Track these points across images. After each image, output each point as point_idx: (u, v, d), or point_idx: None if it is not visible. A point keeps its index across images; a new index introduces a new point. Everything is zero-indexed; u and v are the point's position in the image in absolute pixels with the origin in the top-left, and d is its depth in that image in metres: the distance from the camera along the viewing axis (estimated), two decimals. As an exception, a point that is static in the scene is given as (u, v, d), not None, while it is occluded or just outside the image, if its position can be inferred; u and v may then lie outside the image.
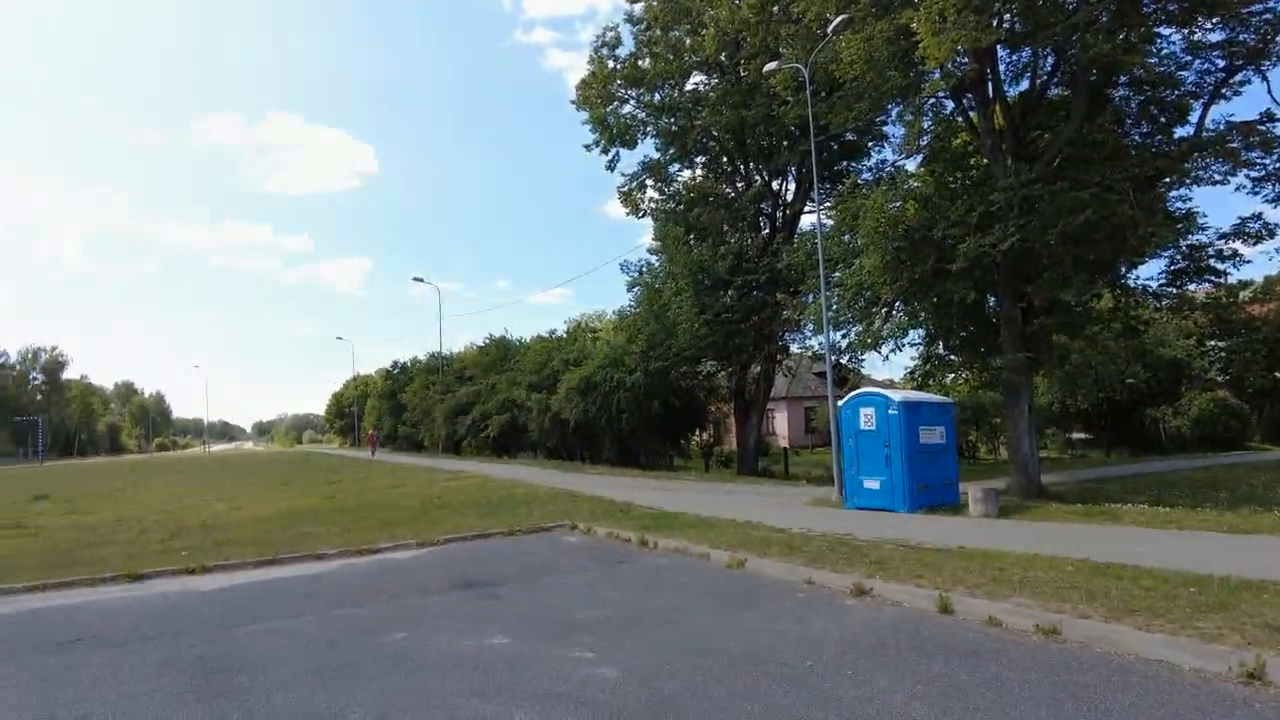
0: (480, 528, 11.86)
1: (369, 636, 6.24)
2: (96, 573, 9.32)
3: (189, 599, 8.03)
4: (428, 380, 53.52)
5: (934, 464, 12.58)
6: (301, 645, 6.06)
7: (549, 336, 40.86)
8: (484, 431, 39.25)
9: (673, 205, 27.78)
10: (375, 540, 10.95)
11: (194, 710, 4.66)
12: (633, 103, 27.71)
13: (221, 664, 5.61)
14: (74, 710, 4.75)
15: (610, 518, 12.35)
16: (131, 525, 13.95)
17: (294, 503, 16.98)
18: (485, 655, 5.56)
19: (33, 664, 5.85)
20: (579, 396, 28.84)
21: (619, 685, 4.80)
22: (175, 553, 10.58)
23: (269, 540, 11.37)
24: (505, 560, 9.56)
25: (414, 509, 14.67)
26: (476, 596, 7.57)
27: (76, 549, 11.38)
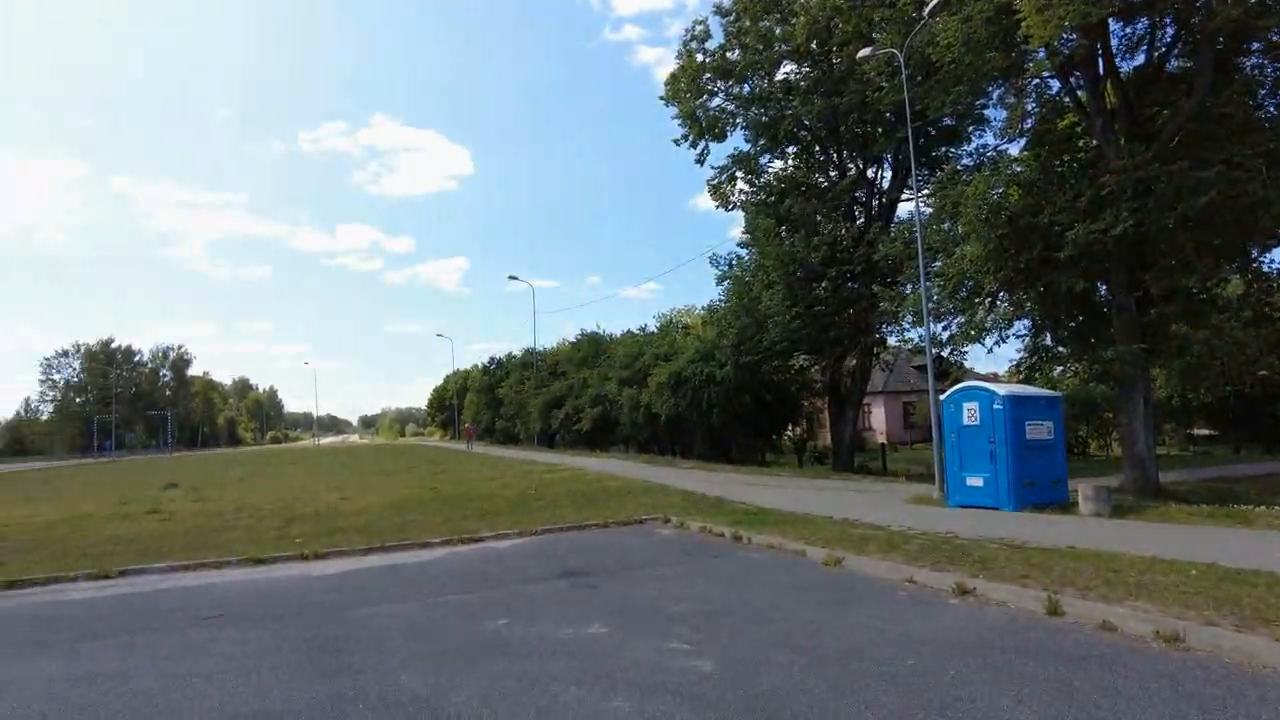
0: (576, 519, 12.10)
1: (472, 622, 6.47)
2: (224, 556, 10.03)
3: (305, 583, 8.53)
4: (523, 375, 54.83)
5: (1041, 460, 12.06)
6: (408, 629, 6.35)
7: (639, 332, 41.19)
8: (577, 425, 39.90)
9: (763, 197, 27.47)
10: (477, 530, 11.34)
11: (314, 686, 4.96)
12: (722, 95, 27.55)
13: (336, 644, 5.94)
14: (214, 681, 5.14)
15: (703, 512, 12.38)
16: (251, 513, 14.88)
17: (399, 493, 17.72)
18: (584, 643, 5.69)
19: (182, 635, 6.41)
20: (669, 391, 28.96)
21: (716, 678, 4.83)
22: (291, 539, 11.24)
23: (376, 529, 11.93)
24: (601, 551, 9.72)
25: (512, 500, 15.08)
26: (574, 586, 7.74)
27: (206, 533, 12.25)
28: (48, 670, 5.62)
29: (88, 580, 9.08)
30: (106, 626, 6.90)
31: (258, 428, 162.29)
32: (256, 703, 4.69)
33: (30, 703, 4.92)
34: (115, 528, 13.41)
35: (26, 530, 13.53)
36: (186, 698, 4.83)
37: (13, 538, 12.60)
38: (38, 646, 6.31)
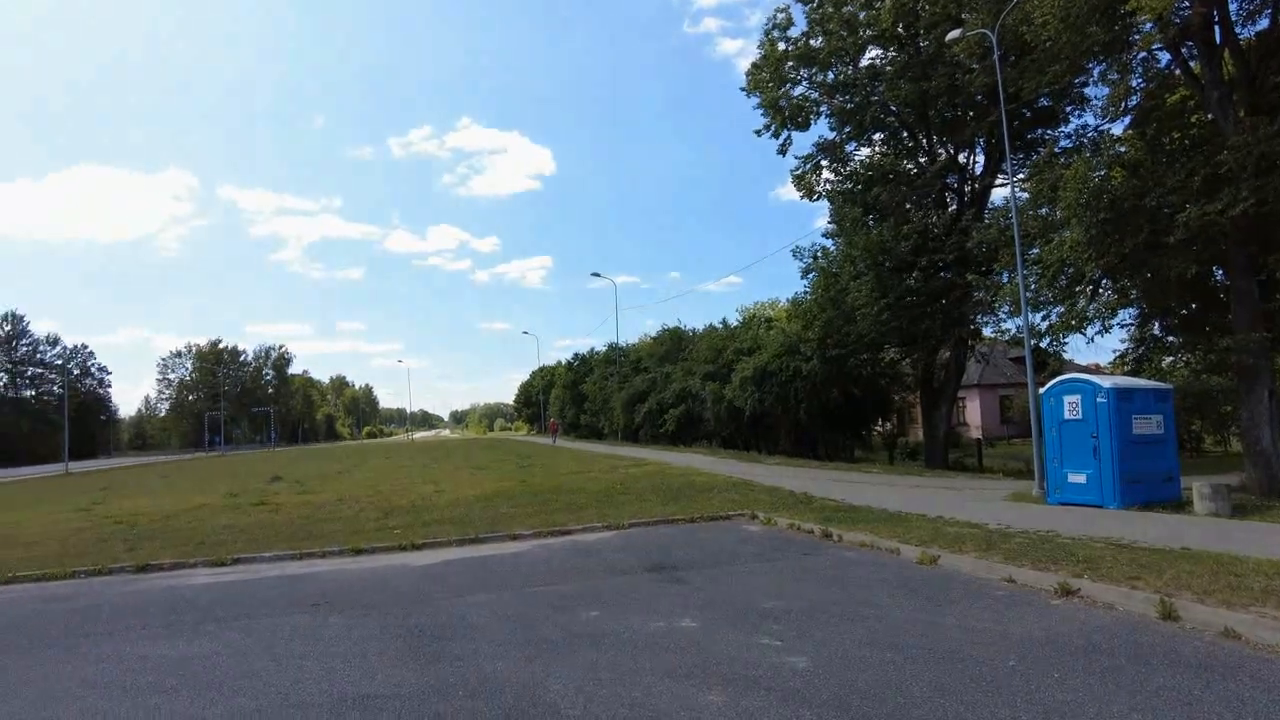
0: (663, 514, 12.16)
1: (564, 613, 6.60)
2: (327, 546, 10.53)
3: (403, 572, 8.86)
4: (606, 371, 55.36)
5: (1150, 456, 11.43)
6: (503, 619, 6.52)
7: (721, 326, 40.97)
8: (660, 421, 40.05)
9: (849, 186, 26.89)
10: (566, 523, 11.53)
11: (416, 672, 5.15)
12: (805, 83, 27.07)
13: (435, 633, 6.15)
14: (324, 664, 5.41)
15: (791, 509, 12.25)
16: (351, 504, 15.55)
17: (489, 486, 18.18)
18: (675, 637, 5.73)
19: (292, 620, 6.77)
20: (754, 386, 28.73)
21: (809, 674, 4.79)
22: (389, 530, 11.69)
23: (469, 520, 12.28)
24: (688, 546, 9.75)
25: (599, 494, 15.27)
26: (663, 580, 7.79)
27: (309, 524, 12.86)
28: (178, 649, 6.03)
29: (206, 567, 9.69)
30: (224, 610, 7.34)
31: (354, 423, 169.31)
32: (364, 686, 4.91)
33: (165, 678, 5.30)
34: (227, 518, 14.25)
35: (153, 520, 14.53)
36: (298, 679, 5.10)
37: (141, 526, 13.56)
38: (167, 627, 6.78)
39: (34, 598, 8.49)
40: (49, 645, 6.41)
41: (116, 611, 7.57)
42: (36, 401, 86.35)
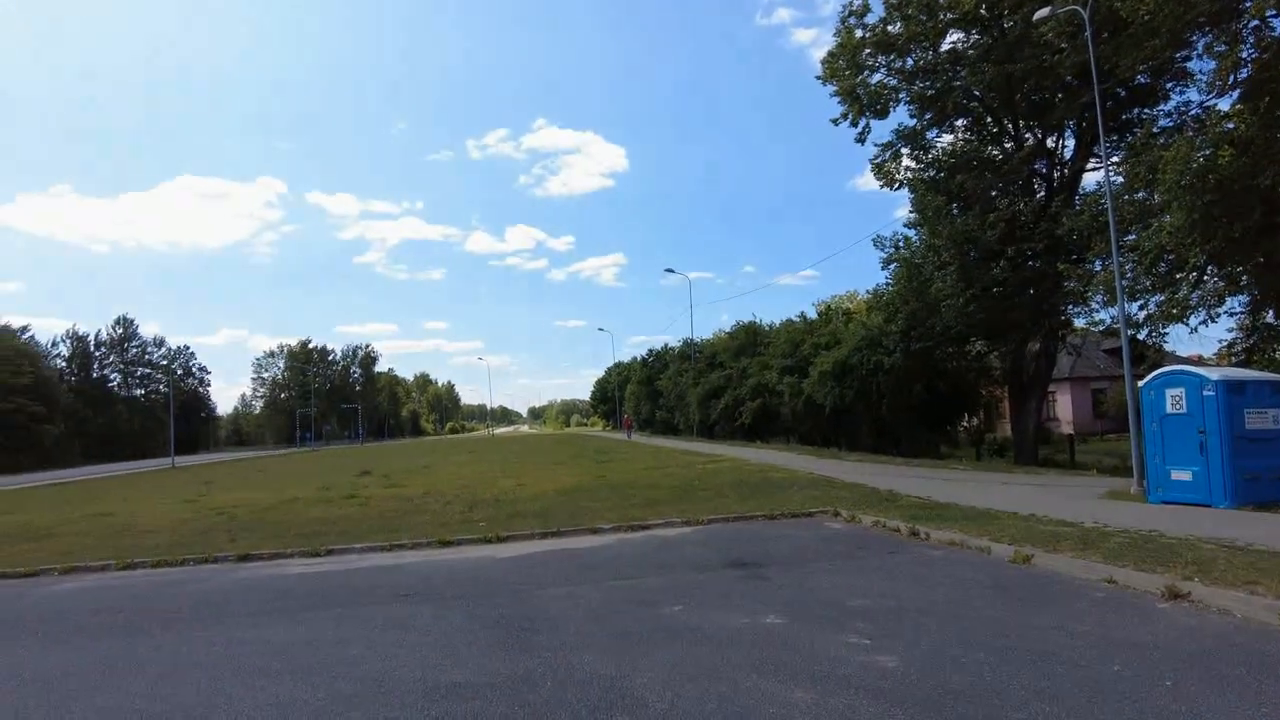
0: (742, 510, 12.08)
1: (647, 608, 6.63)
2: (415, 538, 10.83)
3: (489, 564, 9.06)
4: (681, 367, 55.33)
5: (1265, 453, 10.72)
6: (588, 611, 6.59)
7: (798, 320, 40.41)
8: (736, 416, 39.79)
9: (932, 173, 26.09)
10: (645, 517, 11.58)
11: (505, 662, 5.26)
12: (883, 70, 26.39)
13: (522, 624, 6.27)
14: (416, 653, 5.58)
15: (874, 506, 12.00)
16: (437, 498, 15.98)
17: (569, 480, 18.42)
18: (760, 633, 5.69)
19: (384, 610, 6.99)
20: (833, 380, 28.25)
21: (900, 674, 4.68)
22: (474, 523, 11.97)
23: (551, 514, 12.46)
24: (769, 542, 9.66)
25: (677, 489, 15.28)
26: (745, 576, 7.74)
27: (398, 516, 13.28)
28: (279, 634, 6.32)
29: (301, 557, 10.12)
30: (320, 599, 7.65)
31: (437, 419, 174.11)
32: (455, 675, 5.03)
33: (269, 661, 5.55)
34: (320, 510, 14.84)
35: (252, 512, 15.26)
36: (392, 667, 5.27)
37: (241, 518, 14.25)
38: (269, 614, 7.11)
39: (152, 583, 9.04)
40: (165, 628, 6.80)
41: (223, 598, 7.98)
42: (145, 400, 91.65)
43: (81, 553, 11.08)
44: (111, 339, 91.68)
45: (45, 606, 8.17)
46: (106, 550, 11.16)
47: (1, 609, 8.16)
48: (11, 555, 11.26)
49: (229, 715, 4.54)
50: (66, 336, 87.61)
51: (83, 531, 13.59)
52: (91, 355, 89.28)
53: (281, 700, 4.73)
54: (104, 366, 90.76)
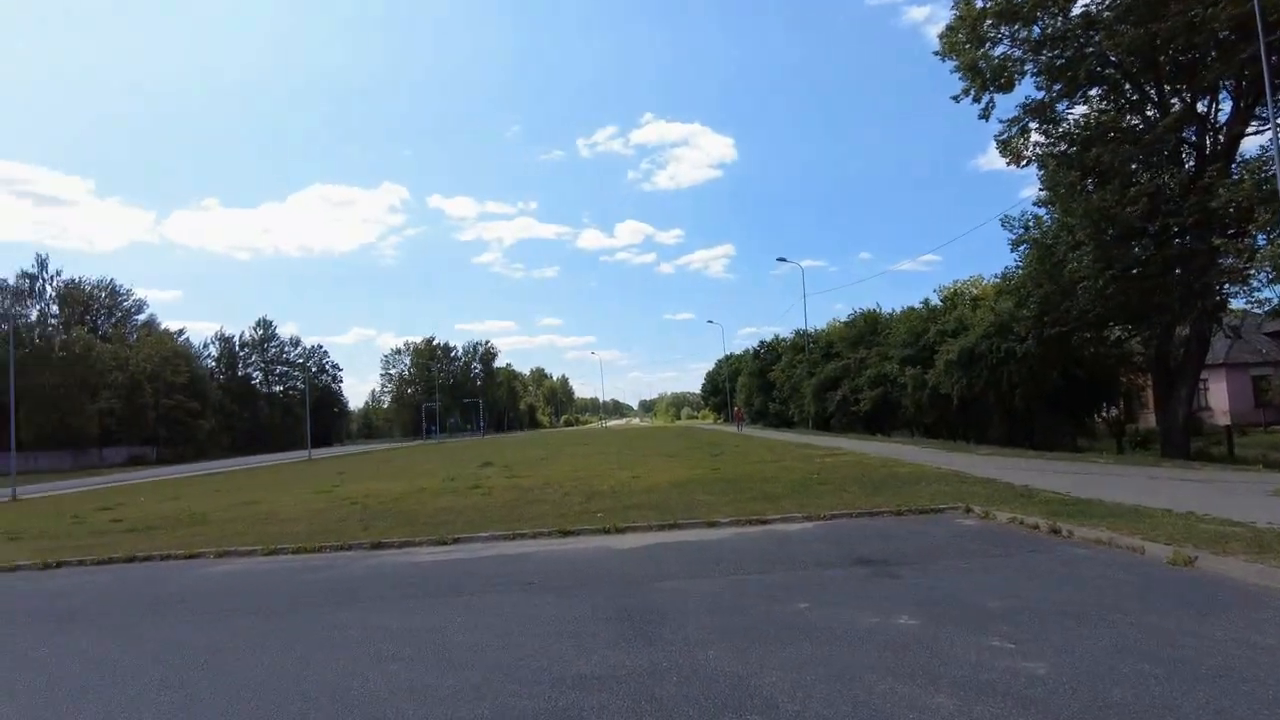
0: (866, 505, 11.65)
1: (771, 604, 6.45)
2: (536, 528, 11.02)
3: (608, 555, 9.08)
4: (794, 358, 54.31)
5: None
6: (709, 605, 6.47)
7: (921, 306, 38.83)
8: (855, 408, 38.70)
9: (1064, 148, 24.39)
10: (763, 511, 11.35)
11: (629, 654, 5.21)
12: (1007, 42, 24.83)
13: (644, 616, 6.21)
14: (542, 643, 5.62)
15: (1010, 502, 11.31)
16: (555, 489, 16.25)
17: (683, 473, 18.35)
18: (893, 634, 5.41)
19: (510, 599, 7.12)
20: (960, 370, 26.98)
21: (1051, 683, 4.32)
22: (592, 514, 12.06)
23: (667, 506, 12.42)
24: (897, 539, 9.25)
25: (795, 483, 14.93)
26: (873, 574, 7.42)
27: (518, 506, 13.58)
28: (411, 620, 6.53)
29: (430, 545, 10.48)
30: (448, 586, 7.87)
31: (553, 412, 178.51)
32: (580, 666, 5.03)
33: (402, 647, 5.73)
34: (446, 500, 15.37)
35: (382, 501, 15.99)
36: (520, 656, 5.32)
37: (373, 507, 14.95)
38: (400, 600, 7.37)
39: (293, 568, 9.57)
40: (306, 611, 7.17)
41: (357, 583, 8.35)
42: (284, 396, 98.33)
43: (232, 538, 11.90)
44: (254, 340, 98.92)
45: (203, 586, 8.80)
46: (253, 536, 11.95)
47: (167, 587, 8.84)
48: (175, 539, 12.25)
49: (366, 697, 4.69)
50: (215, 338, 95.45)
51: (233, 518, 14.62)
52: (237, 355, 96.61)
53: (415, 686, 4.85)
54: (247, 365, 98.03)
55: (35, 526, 15.70)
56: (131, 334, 78.67)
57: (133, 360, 70.09)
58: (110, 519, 16.01)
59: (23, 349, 52.75)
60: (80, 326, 70.42)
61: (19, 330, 54.16)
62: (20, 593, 9.30)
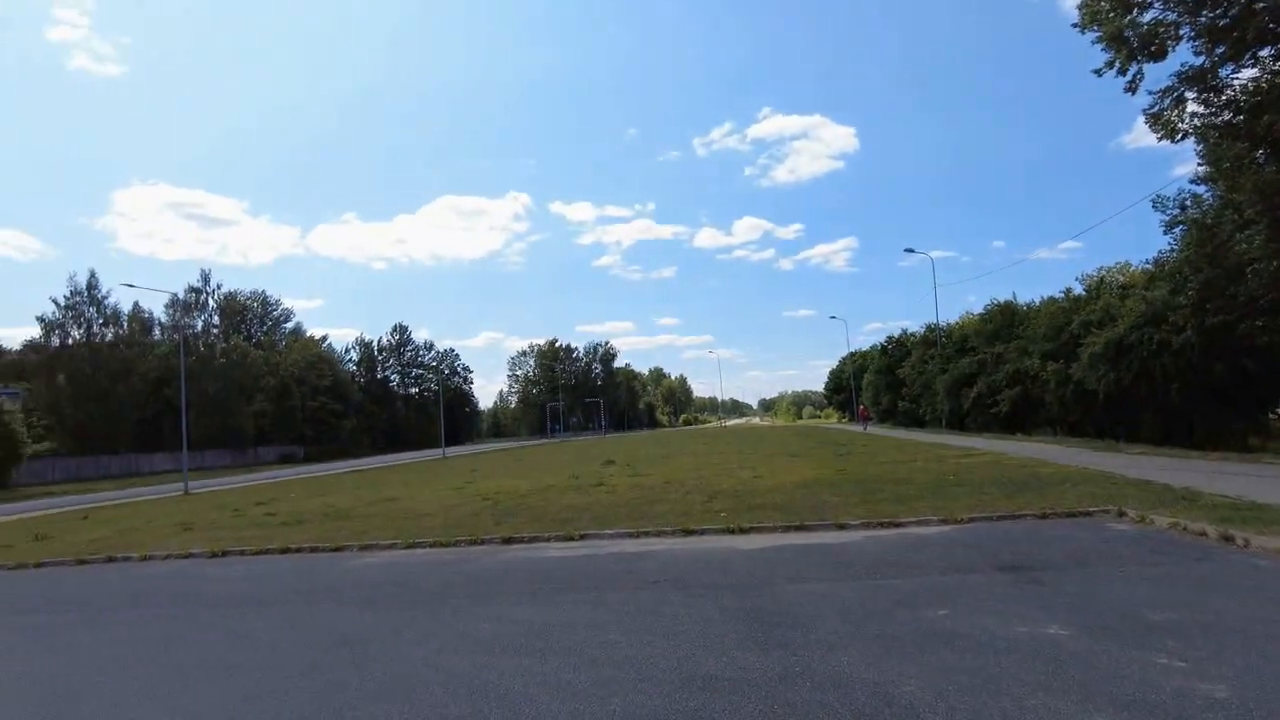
0: (1007, 508, 11.00)
1: (907, 609, 6.16)
2: (660, 526, 11.03)
3: (733, 556, 8.96)
4: (925, 353, 52.17)
5: None
6: (840, 609, 6.26)
7: (1062, 297, 36.44)
8: (992, 406, 36.77)
9: (1228, 117, 22.23)
10: (895, 513, 10.92)
11: (758, 657, 5.10)
12: (1158, 5, 22.89)
13: (773, 618, 6.08)
14: (670, 641, 5.61)
15: (1170, 505, 10.39)
16: (677, 487, 16.24)
17: (808, 473, 17.94)
18: (1043, 646, 5.05)
19: (637, 596, 7.14)
20: (1106, 363, 25.13)
21: (1235, 708, 3.90)
22: (715, 513, 11.96)
23: (792, 507, 12.15)
24: (1042, 544, 8.67)
25: (928, 484, 14.30)
26: (1018, 580, 6.97)
27: (641, 505, 13.65)
28: (541, 615, 6.66)
29: (558, 541, 10.68)
30: (577, 582, 7.98)
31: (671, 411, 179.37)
32: (709, 667, 4.96)
33: (534, 641, 5.85)
34: (572, 498, 15.66)
35: (512, 497, 16.48)
36: (648, 654, 5.31)
37: (503, 503, 15.43)
38: (531, 594, 7.53)
39: (430, 561, 9.99)
40: (443, 603, 7.45)
41: (491, 577, 8.61)
42: (419, 397, 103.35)
43: (374, 532, 12.55)
44: (390, 344, 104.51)
45: (348, 577, 9.31)
46: (393, 530, 12.56)
47: (316, 577, 9.42)
48: (322, 532, 13.05)
49: (502, 690, 4.80)
50: (355, 344, 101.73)
51: (374, 514, 15.44)
52: (375, 359, 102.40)
53: (548, 680, 4.92)
54: (385, 369, 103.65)
55: (204, 518, 17.14)
56: (281, 341, 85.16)
57: (283, 365, 75.70)
58: (265, 513, 17.26)
59: (191, 357, 57.89)
60: (238, 335, 76.62)
61: (187, 340, 59.37)
62: (192, 578, 10.16)
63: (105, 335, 61.16)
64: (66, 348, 59.39)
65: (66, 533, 16.43)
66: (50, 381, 58.24)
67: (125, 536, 14.82)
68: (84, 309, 60.42)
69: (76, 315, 60.18)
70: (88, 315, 60.59)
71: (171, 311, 68.91)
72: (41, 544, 14.67)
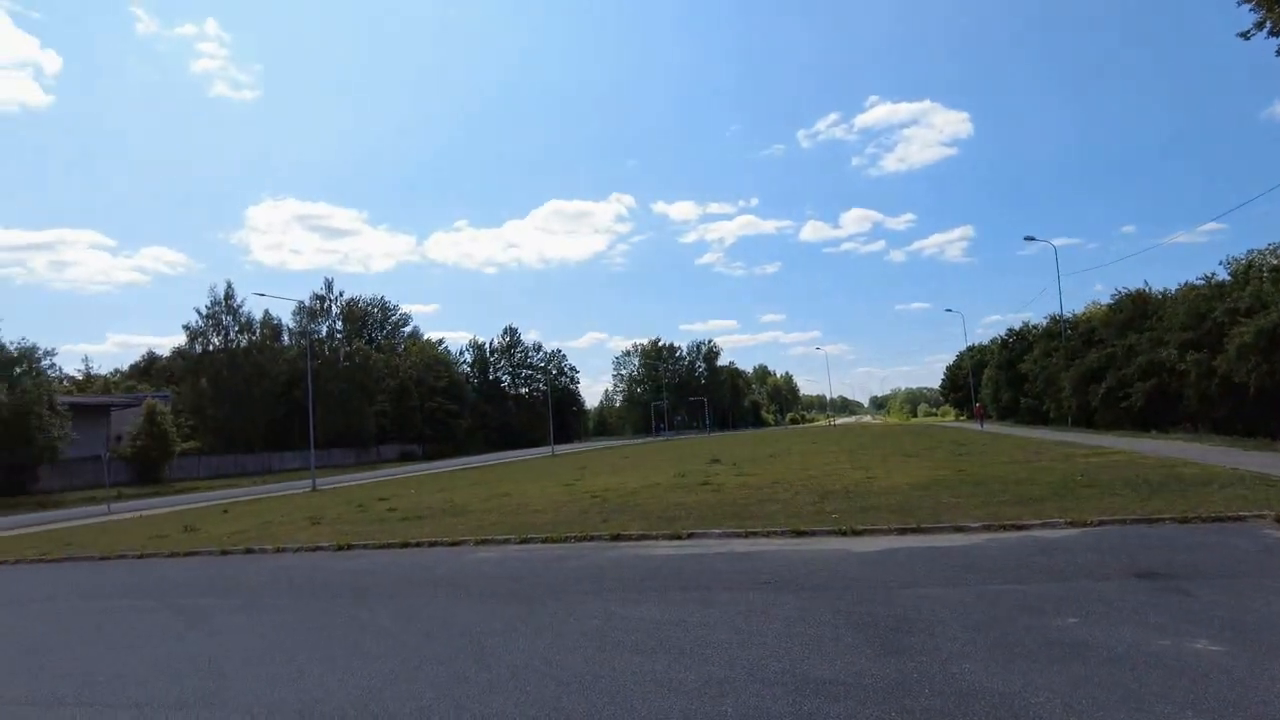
0: (1142, 510, 10.27)
1: (1034, 616, 5.85)
2: (768, 526, 10.90)
3: (846, 558, 8.74)
4: (1048, 346, 49.47)
5: None
6: (962, 615, 6.00)
7: (1203, 283, 33.76)
8: (1124, 401, 34.48)
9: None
10: (1019, 516, 10.37)
11: (875, 662, 4.96)
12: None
13: (889, 623, 5.89)
14: (781, 643, 5.53)
15: (1336, 509, 9.45)
16: (785, 487, 16.00)
17: (924, 474, 17.31)
18: (1188, 661, 4.68)
19: (746, 597, 7.08)
20: (1258, 354, 23.09)
21: None
22: (826, 514, 11.70)
23: (908, 508, 11.75)
24: (1185, 551, 8.04)
25: (1054, 485, 13.52)
26: (1158, 589, 6.49)
27: (749, 504, 13.52)
28: (650, 612, 6.70)
29: (666, 540, 10.71)
30: (685, 581, 7.98)
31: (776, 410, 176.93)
32: (823, 671, 4.85)
33: (643, 638, 5.89)
34: (677, 496, 15.68)
35: (619, 495, 16.67)
36: (759, 656, 5.25)
37: (611, 501, 15.63)
38: (639, 592, 7.59)
39: (542, 557, 10.23)
40: (555, 598, 7.61)
41: (600, 574, 8.72)
42: (528, 397, 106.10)
43: (489, 527, 12.97)
44: (501, 346, 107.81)
45: (466, 571, 9.66)
46: (507, 526, 12.94)
47: (436, 571, 9.83)
48: (441, 527, 13.59)
49: (613, 686, 4.85)
50: (469, 346, 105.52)
51: (489, 509, 15.96)
52: (487, 360, 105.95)
53: (658, 677, 4.94)
54: (496, 369, 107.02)
55: (330, 513, 18.15)
56: (400, 344, 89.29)
57: (402, 368, 79.45)
58: (387, 508, 18.12)
59: (317, 360, 61.44)
60: (360, 339, 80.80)
61: (313, 344, 63.14)
62: (321, 569, 10.78)
63: (241, 341, 66.13)
64: (208, 354, 64.69)
65: (210, 525, 17.77)
66: (195, 385, 63.56)
67: (261, 530, 15.88)
68: (222, 317, 65.64)
69: (216, 323, 65.47)
70: (225, 323, 65.82)
71: (299, 318, 73.65)
72: (190, 535, 15.94)
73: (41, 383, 41.94)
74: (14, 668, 6.80)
